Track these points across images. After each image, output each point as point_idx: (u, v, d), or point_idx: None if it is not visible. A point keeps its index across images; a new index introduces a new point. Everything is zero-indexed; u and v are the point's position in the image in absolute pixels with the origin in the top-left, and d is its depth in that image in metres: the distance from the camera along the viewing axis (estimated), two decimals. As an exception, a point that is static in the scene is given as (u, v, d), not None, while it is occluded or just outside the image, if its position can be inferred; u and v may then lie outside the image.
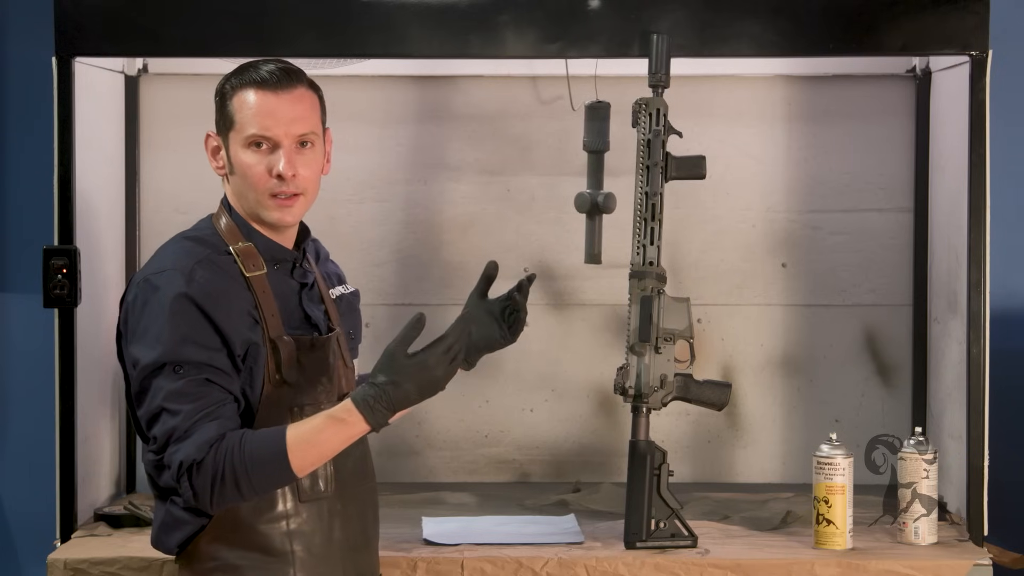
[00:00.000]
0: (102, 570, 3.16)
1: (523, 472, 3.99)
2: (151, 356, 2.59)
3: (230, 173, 2.73)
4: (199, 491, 2.55)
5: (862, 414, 3.95)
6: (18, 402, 3.96)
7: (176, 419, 2.56)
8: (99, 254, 3.57)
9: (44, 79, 3.33)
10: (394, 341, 2.54)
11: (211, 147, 2.75)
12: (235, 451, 2.54)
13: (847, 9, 3.32)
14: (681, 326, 3.28)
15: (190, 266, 2.63)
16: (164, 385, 2.58)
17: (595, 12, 3.31)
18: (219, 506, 2.59)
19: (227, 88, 2.72)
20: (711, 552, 3.22)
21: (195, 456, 2.54)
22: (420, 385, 2.53)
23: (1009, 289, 3.87)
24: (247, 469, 2.54)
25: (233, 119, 2.69)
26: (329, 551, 2.72)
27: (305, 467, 2.58)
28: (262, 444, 2.56)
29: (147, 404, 2.60)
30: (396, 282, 3.94)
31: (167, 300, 2.60)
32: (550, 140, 3.94)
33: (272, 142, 2.68)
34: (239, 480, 2.54)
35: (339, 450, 2.59)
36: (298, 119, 2.69)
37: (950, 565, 3.17)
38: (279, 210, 2.70)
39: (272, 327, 2.68)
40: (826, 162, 3.94)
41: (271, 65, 2.70)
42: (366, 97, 3.92)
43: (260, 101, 2.68)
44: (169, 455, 2.57)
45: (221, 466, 2.54)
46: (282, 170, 2.67)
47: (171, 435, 2.57)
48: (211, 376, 2.59)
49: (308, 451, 2.56)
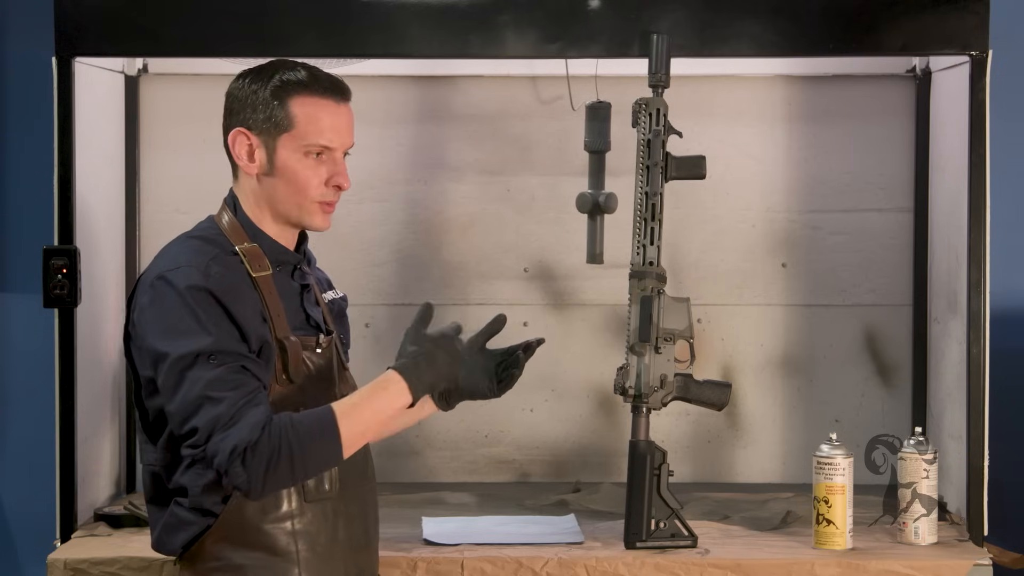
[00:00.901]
0: (102, 570, 3.16)
1: (523, 472, 3.99)
2: (183, 348, 2.57)
3: (267, 174, 2.71)
4: (253, 474, 2.52)
5: (862, 414, 3.95)
6: (18, 402, 3.96)
7: (220, 407, 2.54)
8: (99, 254, 3.57)
9: (44, 79, 3.33)
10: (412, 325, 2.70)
11: (243, 145, 2.71)
12: (288, 430, 2.54)
13: (847, 9, 3.32)
14: (681, 326, 3.28)
15: (205, 262, 2.63)
16: (202, 375, 2.55)
17: (595, 12, 3.31)
18: (268, 490, 2.56)
19: (282, 88, 2.68)
20: (711, 552, 3.22)
21: (249, 438, 2.52)
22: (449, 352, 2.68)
23: (1009, 289, 3.87)
24: (302, 447, 2.54)
25: (293, 123, 2.67)
26: (332, 551, 2.72)
27: (352, 442, 2.59)
28: (312, 421, 2.57)
29: (182, 396, 2.57)
30: (396, 282, 3.94)
31: (188, 293, 2.59)
32: (550, 140, 3.94)
33: (331, 152, 2.70)
34: (294, 459, 2.54)
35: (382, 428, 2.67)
36: (351, 132, 2.74)
37: (950, 565, 3.17)
38: (324, 217, 2.73)
39: (279, 327, 2.68)
40: (826, 162, 3.94)
41: (320, 70, 2.72)
42: (366, 97, 3.89)
43: (328, 111, 2.69)
44: (215, 443, 2.53)
45: (277, 445, 2.53)
46: (343, 183, 2.71)
47: (216, 423, 2.54)
48: (246, 364, 2.59)
49: (355, 424, 2.58)
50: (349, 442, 2.59)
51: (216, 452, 2.54)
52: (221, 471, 2.54)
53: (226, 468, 2.53)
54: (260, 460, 2.52)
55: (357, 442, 2.61)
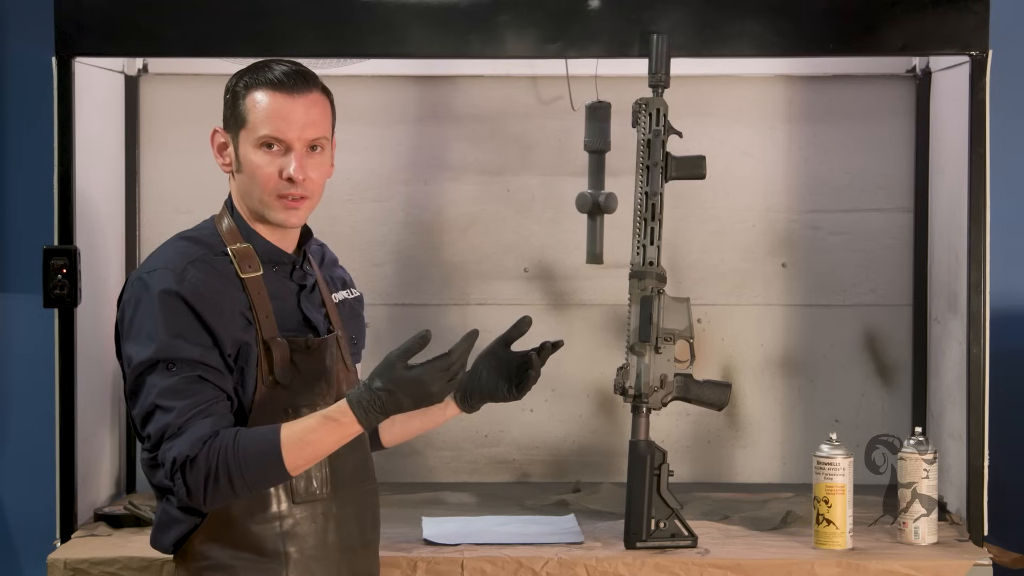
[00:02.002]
0: (102, 570, 3.16)
1: (523, 472, 3.99)
2: (144, 354, 2.60)
3: (236, 171, 2.73)
4: (192, 488, 2.56)
5: (862, 414, 3.95)
6: (18, 402, 3.96)
7: (169, 416, 2.57)
8: (99, 254, 3.57)
9: (44, 79, 3.33)
10: (396, 351, 2.55)
11: (217, 143, 2.74)
12: (229, 448, 2.55)
13: (847, 9, 3.32)
14: (681, 326, 3.28)
15: (183, 265, 2.64)
16: (157, 383, 2.58)
17: (595, 12, 3.31)
18: (212, 503, 2.59)
19: (240, 86, 2.71)
20: (711, 552, 3.22)
21: (188, 453, 2.54)
22: (414, 397, 2.55)
23: (1009, 289, 3.87)
24: (240, 466, 2.54)
25: (245, 118, 2.69)
26: (324, 553, 2.71)
27: (299, 465, 2.58)
28: (256, 441, 2.56)
29: (140, 402, 2.61)
30: (396, 282, 3.93)
31: (157, 298, 2.60)
32: (550, 140, 3.94)
33: (284, 144, 2.68)
34: (232, 477, 2.55)
35: (333, 450, 2.60)
36: (311, 123, 2.69)
37: (950, 565, 3.17)
38: (285, 211, 2.71)
39: (266, 328, 2.68)
40: (826, 162, 3.94)
41: (286, 66, 2.70)
42: (366, 97, 3.92)
43: (275, 103, 2.68)
44: (163, 452, 2.57)
45: (215, 463, 2.54)
46: (293, 173, 2.67)
47: (164, 432, 2.57)
48: (204, 373, 2.60)
49: (302, 449, 2.57)
50: (296, 464, 2.58)
51: (163, 461, 2.58)
52: (167, 481, 2.58)
53: (170, 478, 2.57)
54: (198, 475, 2.55)
55: (307, 462, 2.60)
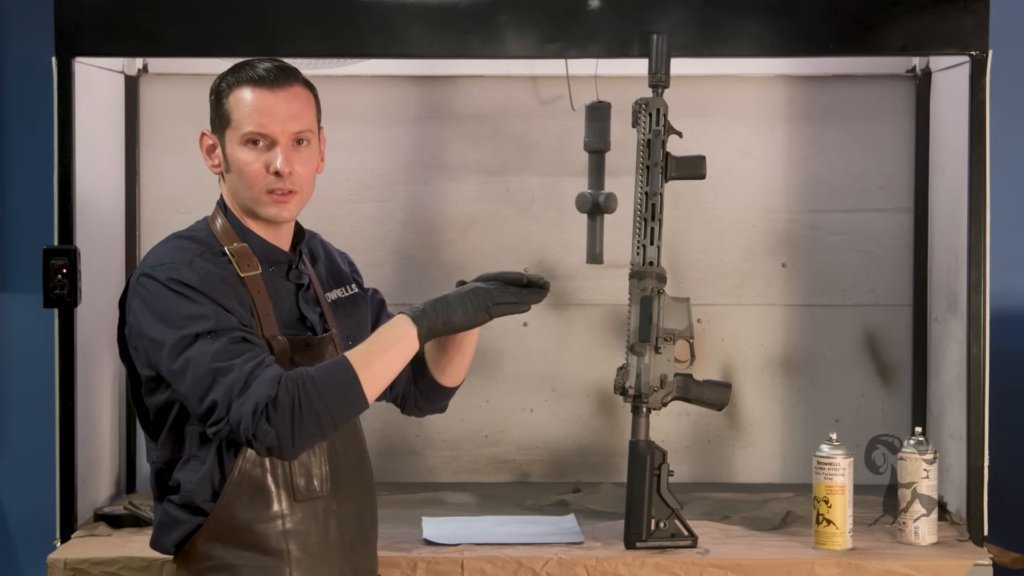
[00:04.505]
0: (102, 570, 3.16)
1: (523, 472, 3.99)
2: (179, 333, 2.58)
3: (226, 171, 2.74)
4: (280, 431, 2.53)
5: (862, 414, 3.95)
6: (18, 402, 3.96)
7: (232, 375, 2.55)
8: (99, 254, 3.57)
9: (44, 79, 3.33)
10: (495, 275, 2.74)
11: (206, 145, 2.76)
12: (305, 379, 2.55)
13: (847, 9, 3.32)
14: (681, 326, 3.28)
15: (190, 258, 2.66)
16: (206, 350, 2.57)
17: (595, 12, 3.31)
18: (301, 445, 2.56)
19: (223, 86, 2.72)
20: (711, 552, 3.22)
21: (268, 393, 2.53)
22: (460, 295, 2.67)
23: (1009, 289, 3.87)
24: (322, 395, 2.54)
25: (230, 117, 2.70)
26: (326, 550, 2.72)
27: (373, 385, 2.60)
28: (329, 369, 2.58)
29: (191, 376, 2.57)
30: (396, 282, 3.93)
31: (174, 283, 2.61)
32: (550, 140, 3.94)
33: (269, 139, 2.69)
34: (317, 408, 2.54)
35: (399, 369, 2.63)
36: (294, 117, 2.70)
37: (950, 565, 3.17)
38: (275, 206, 2.71)
39: (266, 327, 2.68)
40: (826, 162, 3.94)
41: (267, 63, 2.72)
42: (366, 97, 3.92)
43: (257, 99, 2.69)
44: (237, 410, 2.54)
45: (297, 396, 2.54)
46: (279, 167, 2.68)
47: (232, 391, 2.55)
48: (245, 335, 2.61)
49: (371, 364, 2.59)
50: (370, 382, 2.59)
51: (240, 418, 2.54)
52: (249, 436, 2.54)
53: (253, 431, 2.53)
54: (283, 415, 2.53)
55: (379, 382, 2.62)
